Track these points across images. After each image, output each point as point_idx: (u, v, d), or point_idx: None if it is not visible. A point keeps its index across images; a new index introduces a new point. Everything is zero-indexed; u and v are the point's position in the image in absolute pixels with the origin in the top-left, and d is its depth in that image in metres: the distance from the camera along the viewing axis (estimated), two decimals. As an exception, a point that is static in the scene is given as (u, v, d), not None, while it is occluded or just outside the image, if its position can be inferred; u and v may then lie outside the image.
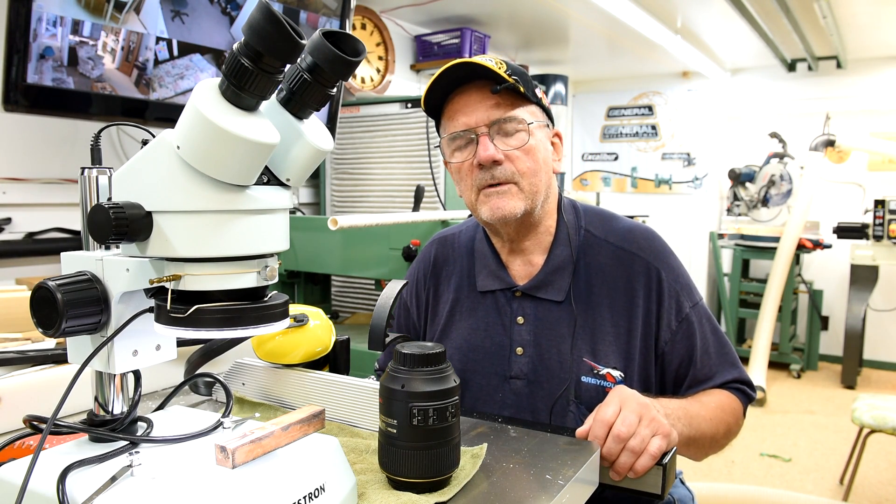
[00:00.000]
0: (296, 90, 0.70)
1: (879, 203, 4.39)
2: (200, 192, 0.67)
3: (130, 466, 0.68)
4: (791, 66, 5.11)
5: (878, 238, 4.39)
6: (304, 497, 0.69)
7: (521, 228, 1.19)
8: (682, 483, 1.30)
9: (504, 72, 1.10)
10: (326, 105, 0.85)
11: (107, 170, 0.78)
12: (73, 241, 2.17)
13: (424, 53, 3.73)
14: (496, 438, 0.97)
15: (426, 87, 1.13)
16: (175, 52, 2.08)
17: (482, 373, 1.21)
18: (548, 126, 1.19)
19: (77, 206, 0.80)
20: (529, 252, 1.22)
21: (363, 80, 3.41)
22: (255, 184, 0.70)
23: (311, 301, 2.73)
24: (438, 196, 2.75)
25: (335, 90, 0.73)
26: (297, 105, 0.72)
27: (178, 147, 0.66)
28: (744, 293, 5.16)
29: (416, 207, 2.36)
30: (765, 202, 5.10)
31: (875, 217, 4.40)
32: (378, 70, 3.50)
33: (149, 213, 0.68)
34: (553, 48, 4.52)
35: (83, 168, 0.78)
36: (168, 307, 0.70)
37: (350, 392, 1.01)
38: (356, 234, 2.26)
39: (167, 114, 2.10)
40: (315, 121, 0.76)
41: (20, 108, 1.79)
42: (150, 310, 0.74)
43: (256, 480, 0.67)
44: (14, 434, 0.83)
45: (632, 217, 1.29)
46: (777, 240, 4.80)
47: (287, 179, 0.74)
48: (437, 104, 1.18)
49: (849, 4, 3.59)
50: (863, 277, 4.59)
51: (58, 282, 0.71)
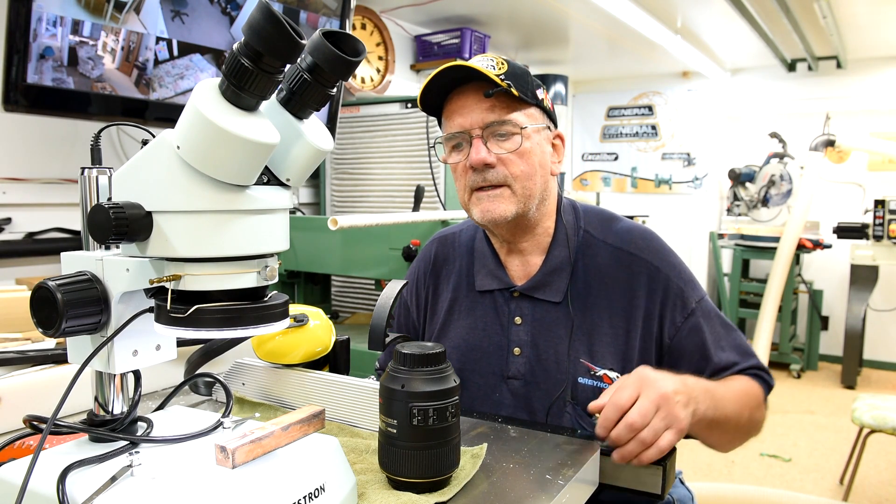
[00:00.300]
0: (296, 90, 0.71)
1: (879, 203, 4.39)
2: (200, 192, 0.67)
3: (130, 466, 0.68)
4: (791, 66, 5.11)
5: (878, 238, 4.39)
6: (304, 497, 0.69)
7: (516, 230, 1.19)
8: (682, 483, 1.30)
9: (502, 73, 1.09)
10: (326, 105, 0.85)
11: (107, 170, 0.78)
12: (73, 241, 2.17)
13: (424, 53, 3.73)
14: (496, 438, 0.97)
15: (421, 88, 1.14)
16: (175, 52, 2.08)
17: (480, 372, 1.21)
18: (548, 128, 1.18)
19: (77, 206, 0.80)
20: (527, 253, 1.21)
21: (363, 80, 3.41)
22: (255, 184, 0.70)
23: (311, 301, 2.73)
24: (438, 196, 2.75)
25: (335, 90, 0.73)
26: (297, 105, 0.72)
27: (178, 147, 0.66)
28: (744, 293, 5.16)
29: (416, 207, 2.36)
30: (765, 202, 5.10)
31: (875, 217, 4.40)
32: (378, 70, 3.50)
33: (149, 213, 0.68)
34: (553, 48, 4.52)
35: (83, 168, 0.78)
36: (168, 307, 0.70)
37: (350, 392, 1.01)
38: (356, 234, 2.26)
39: (167, 114, 2.11)
40: (315, 121, 0.76)
41: (20, 108, 1.79)
42: (150, 310, 0.74)
43: (256, 480, 0.67)
44: (14, 434, 0.83)
45: (632, 217, 1.28)
46: (777, 240, 4.80)
47: (287, 179, 0.74)
48: (438, 103, 1.18)
49: (849, 4, 3.59)
50: (863, 277, 4.59)
51: (58, 282, 0.71)
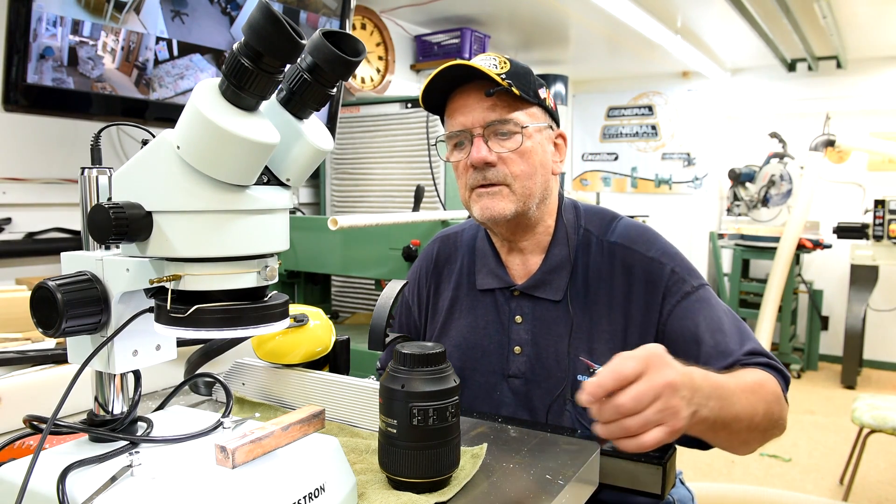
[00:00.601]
0: (296, 90, 0.71)
1: (879, 203, 4.39)
2: (200, 192, 0.67)
3: (130, 466, 0.68)
4: (791, 66, 5.11)
5: (878, 238, 4.39)
6: (304, 497, 0.69)
7: (516, 229, 1.19)
8: (682, 483, 1.30)
9: (504, 72, 1.09)
10: (326, 105, 0.85)
11: (107, 170, 0.78)
12: (73, 241, 2.17)
13: (424, 53, 3.73)
14: (496, 438, 0.97)
15: (423, 87, 1.14)
16: (175, 52, 2.08)
17: (480, 371, 1.21)
18: (550, 128, 1.18)
19: (77, 206, 0.80)
20: (528, 252, 1.22)
21: (363, 80, 3.41)
22: (255, 184, 0.70)
23: (311, 301, 2.73)
24: (438, 196, 2.75)
25: (335, 90, 0.73)
26: (297, 105, 0.72)
27: (178, 147, 0.66)
28: (744, 293, 5.16)
29: (416, 207, 2.36)
30: (765, 202, 5.10)
31: (875, 217, 4.40)
32: (378, 70, 3.50)
33: (149, 213, 0.68)
34: (553, 48, 4.52)
35: (83, 168, 0.78)
36: (168, 307, 0.70)
37: (350, 392, 1.01)
38: (356, 234, 2.26)
39: (167, 114, 2.11)
40: (315, 121, 0.76)
41: (20, 108, 1.79)
42: (150, 310, 0.74)
43: (256, 480, 0.67)
44: (14, 434, 0.83)
45: (632, 217, 1.27)
46: (777, 240, 4.80)
47: (287, 179, 0.74)
48: (440, 102, 1.18)
49: (849, 4, 3.59)
50: (863, 277, 4.59)
51: (58, 282, 0.71)
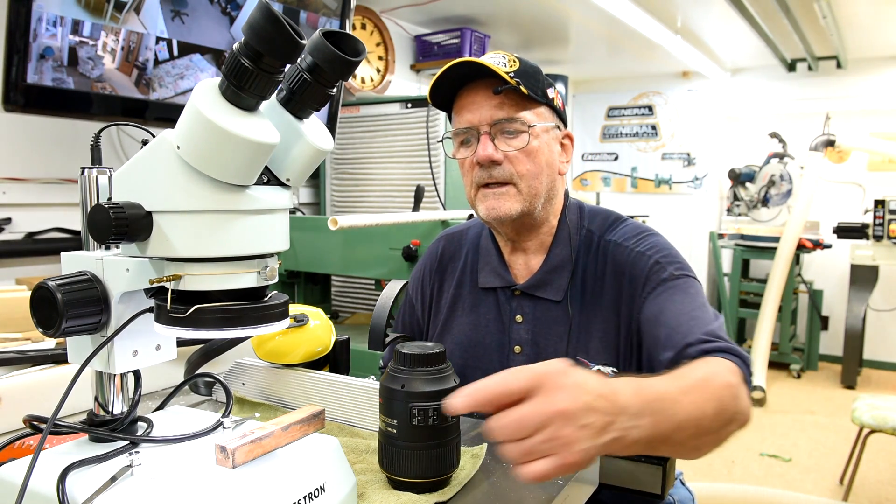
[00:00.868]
0: (296, 90, 0.70)
1: (879, 203, 4.39)
2: (200, 192, 0.67)
3: (130, 466, 0.68)
4: (791, 66, 5.11)
5: (878, 238, 4.39)
6: (304, 497, 0.69)
7: (521, 228, 1.19)
8: (683, 484, 1.30)
9: (512, 70, 1.09)
10: (326, 105, 0.85)
11: (107, 170, 0.78)
12: (73, 241, 2.17)
13: (424, 53, 3.73)
14: (496, 438, 0.97)
15: (431, 84, 1.14)
16: (175, 52, 2.08)
17: (481, 369, 1.21)
18: (557, 127, 1.18)
19: (77, 206, 0.80)
20: (531, 252, 1.22)
21: (363, 80, 3.41)
22: (255, 184, 0.70)
23: (311, 301, 2.73)
24: (438, 196, 2.75)
25: (335, 90, 0.73)
26: (297, 105, 0.72)
27: (178, 147, 0.66)
28: (744, 293, 5.15)
29: (416, 207, 2.36)
30: (765, 202, 5.10)
31: (875, 217, 4.40)
32: (378, 70, 3.50)
33: (149, 213, 0.68)
34: (553, 48, 4.52)
35: (83, 168, 0.78)
36: (168, 307, 0.70)
37: (350, 392, 1.01)
38: (356, 234, 2.25)
39: (167, 114, 2.10)
40: (315, 121, 0.76)
41: (20, 108, 1.79)
42: (150, 310, 0.74)
43: (256, 480, 0.67)
44: (14, 434, 0.83)
45: (632, 217, 1.27)
46: (777, 240, 4.80)
47: (287, 179, 0.74)
48: (448, 98, 1.18)
49: (849, 4, 3.59)
50: (863, 277, 4.59)
51: (58, 282, 0.71)
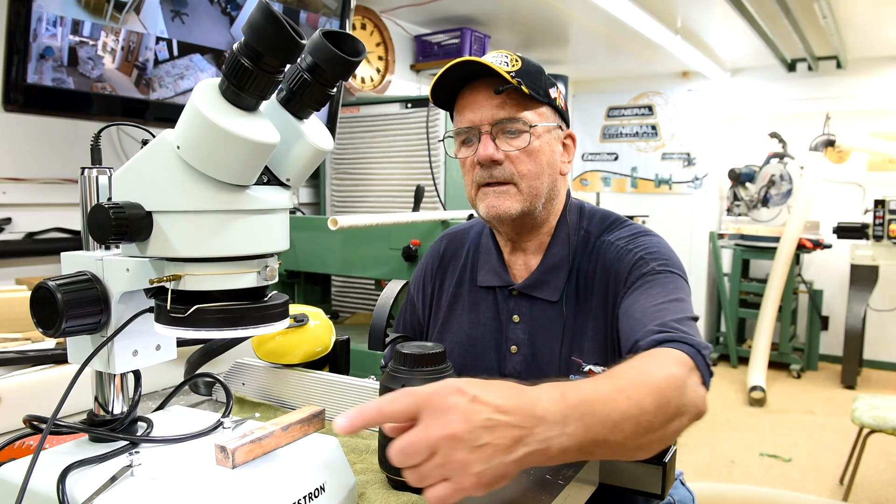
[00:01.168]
0: (296, 90, 0.71)
1: (879, 203, 4.39)
2: (200, 192, 0.67)
3: (130, 466, 0.68)
4: (791, 66, 5.11)
5: (878, 238, 4.39)
6: (304, 497, 0.69)
7: (521, 228, 1.19)
8: (683, 484, 1.30)
9: (514, 70, 1.09)
10: (326, 105, 0.85)
11: (107, 170, 0.78)
12: (73, 241, 2.17)
13: (424, 53, 3.73)
14: (496, 438, 0.97)
15: (432, 83, 1.13)
16: (175, 52, 2.08)
17: (480, 368, 1.21)
18: (559, 127, 1.18)
19: (77, 206, 0.80)
20: (530, 252, 1.22)
21: (363, 80, 3.41)
22: (255, 184, 0.70)
23: (311, 301, 2.73)
24: (438, 196, 2.75)
25: (335, 90, 0.73)
26: (297, 105, 0.72)
27: (178, 147, 0.66)
28: (744, 293, 5.16)
29: (416, 207, 2.36)
30: (765, 202, 5.10)
31: (875, 217, 4.40)
32: (378, 70, 3.50)
33: (149, 213, 0.68)
34: (553, 48, 4.52)
35: (83, 168, 0.78)
36: (168, 307, 0.70)
37: (350, 392, 1.01)
38: (356, 234, 2.25)
39: (167, 114, 2.10)
40: (315, 121, 0.76)
41: (20, 108, 1.79)
42: (150, 310, 0.74)
43: (256, 480, 0.67)
44: (14, 434, 0.83)
45: (631, 217, 1.26)
46: (777, 240, 4.80)
47: (287, 179, 0.74)
48: (449, 97, 1.17)
49: (849, 4, 3.59)
50: (863, 277, 4.59)
51: (58, 282, 0.71)
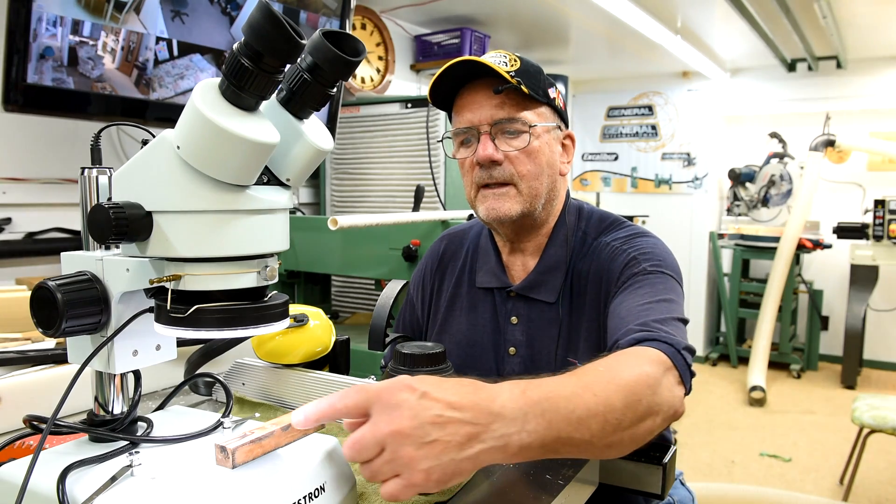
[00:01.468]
0: (296, 90, 0.70)
1: (879, 203, 4.39)
2: (200, 192, 0.67)
3: (130, 466, 0.68)
4: (791, 66, 5.11)
5: (878, 238, 4.39)
6: (304, 497, 0.69)
7: (521, 229, 1.18)
8: (683, 484, 1.30)
9: (513, 70, 1.08)
10: (326, 105, 0.85)
11: (107, 170, 0.78)
12: (73, 241, 2.17)
13: (424, 53, 3.73)
14: (496, 438, 0.97)
15: (431, 82, 1.13)
16: (175, 52, 2.08)
17: (479, 369, 1.21)
18: (559, 128, 1.18)
19: (77, 206, 0.80)
20: (528, 253, 1.21)
21: (363, 80, 3.41)
22: (255, 184, 0.70)
23: (311, 301, 2.72)
24: (438, 196, 2.75)
25: (335, 90, 0.73)
26: (297, 105, 0.72)
27: (178, 147, 0.66)
28: (744, 293, 5.16)
29: (416, 207, 2.35)
30: (765, 202, 5.10)
31: (875, 217, 4.40)
32: (378, 70, 3.50)
33: (149, 213, 0.68)
34: (553, 48, 4.52)
35: (83, 168, 0.78)
36: (168, 307, 0.70)
37: (350, 392, 1.00)
38: (356, 234, 2.25)
39: (167, 114, 2.10)
40: (315, 121, 0.76)
41: (20, 108, 1.79)
42: (150, 310, 0.74)
43: (256, 480, 0.67)
44: (14, 434, 0.83)
45: (631, 217, 1.26)
46: (777, 240, 4.80)
47: (287, 179, 0.74)
48: (448, 97, 1.17)
49: (849, 4, 3.59)
50: (863, 277, 4.59)
51: (58, 282, 0.71)
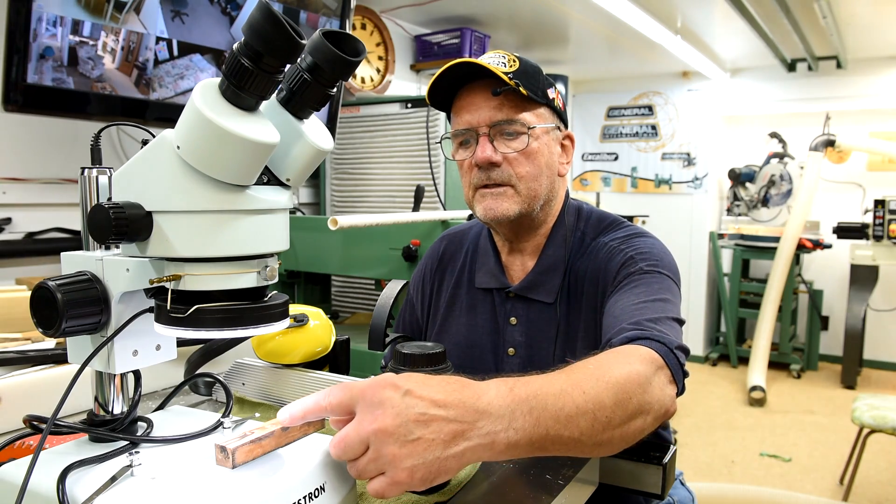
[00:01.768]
0: (296, 90, 0.70)
1: (879, 203, 4.39)
2: (200, 192, 0.67)
3: (130, 466, 0.68)
4: (791, 66, 5.11)
5: (878, 238, 4.39)
6: (304, 497, 0.69)
7: (519, 230, 1.18)
8: (683, 484, 1.30)
9: (512, 71, 1.08)
10: (326, 105, 0.85)
11: (107, 170, 0.78)
12: (73, 241, 2.17)
13: (424, 53, 3.73)
14: (496, 438, 0.97)
15: (430, 84, 1.13)
16: (175, 52, 2.08)
17: (478, 371, 1.20)
18: (558, 128, 1.18)
19: (77, 206, 0.80)
20: (527, 253, 1.21)
21: (363, 80, 3.41)
22: (255, 184, 0.70)
23: (311, 301, 2.72)
24: (438, 196, 2.75)
25: (335, 90, 0.73)
26: (297, 105, 0.72)
27: (178, 147, 0.66)
28: (744, 293, 5.16)
29: (416, 207, 2.36)
30: (765, 202, 5.10)
31: (875, 217, 4.40)
32: (378, 70, 3.50)
33: (149, 213, 0.68)
34: (553, 48, 4.52)
35: (83, 168, 0.78)
36: (168, 307, 0.70)
37: (350, 392, 1.00)
38: (356, 234, 2.25)
39: (167, 114, 2.10)
40: (315, 121, 0.76)
41: (20, 108, 1.79)
42: (150, 310, 0.74)
43: (256, 480, 0.67)
44: (14, 434, 0.83)
45: (631, 217, 1.26)
46: (777, 240, 4.80)
47: (287, 179, 0.74)
48: (447, 98, 1.17)
49: (849, 4, 3.59)
50: (863, 277, 4.59)
51: (58, 282, 0.71)
